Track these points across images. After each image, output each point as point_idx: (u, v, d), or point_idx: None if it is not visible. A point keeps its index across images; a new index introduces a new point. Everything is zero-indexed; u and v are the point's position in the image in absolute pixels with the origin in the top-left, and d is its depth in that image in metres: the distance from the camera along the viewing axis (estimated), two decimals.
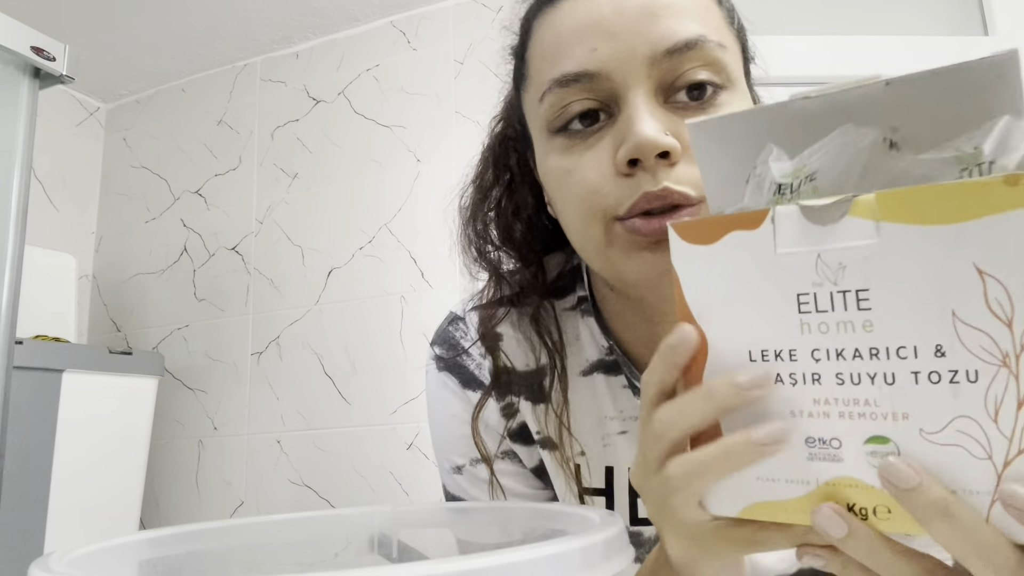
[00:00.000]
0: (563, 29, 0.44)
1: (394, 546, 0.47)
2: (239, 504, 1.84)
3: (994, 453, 0.25)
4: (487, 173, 0.60)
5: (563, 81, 0.43)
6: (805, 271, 0.27)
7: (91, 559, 0.33)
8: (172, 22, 1.89)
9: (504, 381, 0.56)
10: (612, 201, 0.43)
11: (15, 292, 1.28)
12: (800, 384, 0.28)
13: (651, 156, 0.41)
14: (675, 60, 0.42)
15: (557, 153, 0.46)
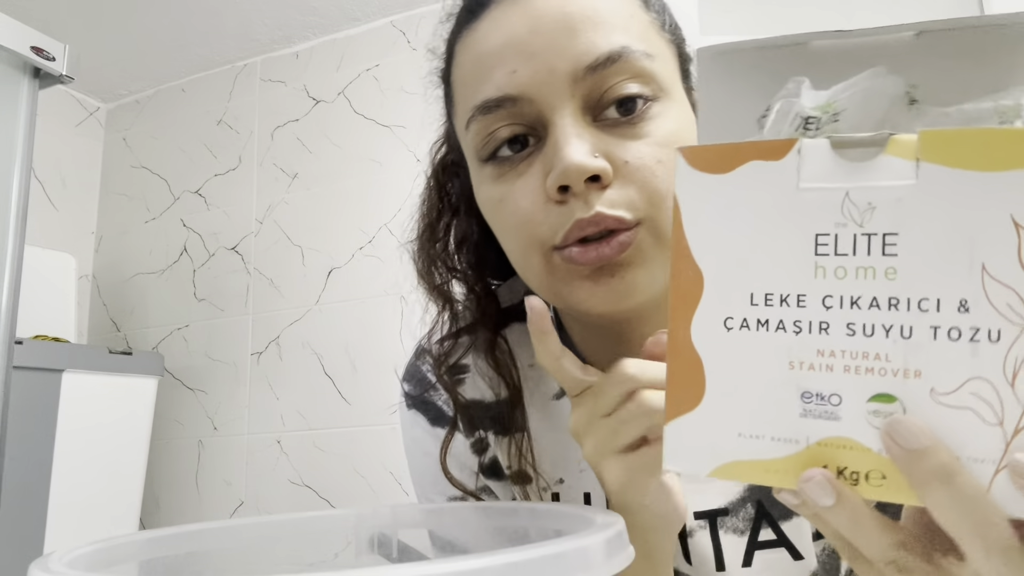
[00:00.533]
0: (481, 52, 0.43)
1: (394, 546, 0.47)
2: (239, 504, 1.84)
3: (1006, 419, 0.23)
4: (432, 202, 0.58)
5: (485, 108, 0.42)
6: (828, 210, 0.25)
7: (91, 559, 0.33)
8: (172, 22, 1.89)
9: (470, 416, 0.54)
10: (547, 230, 0.41)
11: (15, 292, 1.28)
12: (804, 333, 0.26)
13: (580, 182, 0.39)
14: (599, 76, 0.40)
15: (488, 182, 0.44)
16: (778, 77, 0.29)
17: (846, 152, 0.25)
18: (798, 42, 0.29)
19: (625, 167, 0.40)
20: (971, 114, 0.26)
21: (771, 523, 0.49)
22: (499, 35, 0.42)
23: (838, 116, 0.27)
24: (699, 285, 0.28)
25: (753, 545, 0.50)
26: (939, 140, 0.24)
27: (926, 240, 0.24)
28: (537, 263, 0.43)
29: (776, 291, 0.26)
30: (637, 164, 0.40)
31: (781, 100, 0.28)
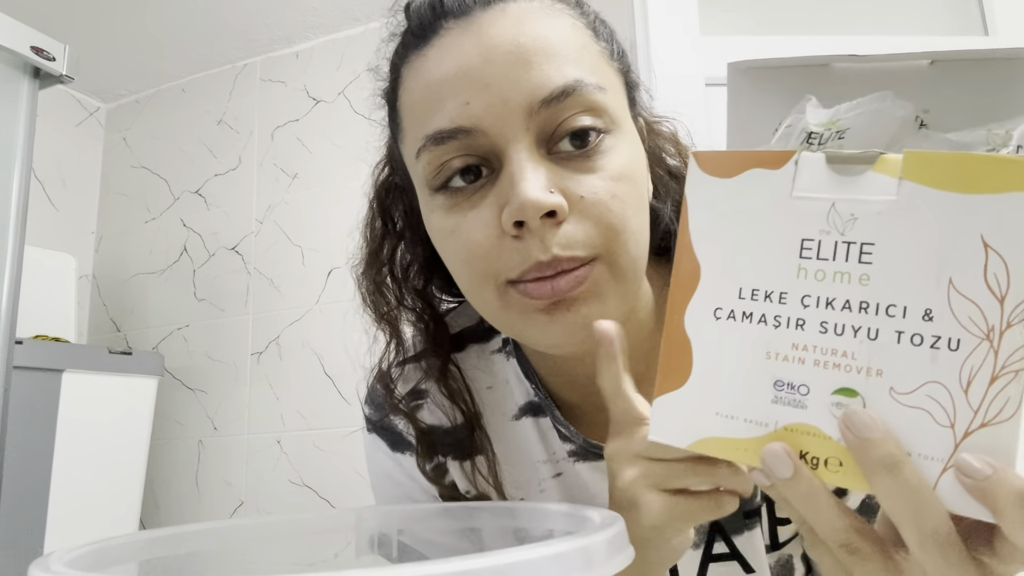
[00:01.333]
0: (432, 80, 0.41)
1: (394, 546, 0.47)
2: (239, 504, 1.84)
3: (957, 422, 0.25)
4: (375, 226, 0.56)
5: (438, 138, 0.41)
6: (816, 217, 0.28)
7: (91, 559, 0.33)
8: (172, 22, 1.89)
9: (430, 441, 0.54)
10: (501, 265, 0.41)
11: (15, 292, 1.28)
12: (783, 327, 0.28)
13: (536, 218, 0.38)
14: (553, 109, 0.40)
15: (440, 212, 0.43)
16: (798, 94, 0.31)
17: (839, 167, 0.27)
18: (820, 63, 0.31)
19: (581, 202, 0.40)
20: (965, 140, 0.28)
21: (724, 537, 0.50)
22: (451, 63, 0.41)
23: (843, 134, 0.29)
24: (696, 277, 0.30)
25: (707, 558, 0.51)
26: (922, 161, 0.26)
27: (900, 252, 0.26)
28: (491, 296, 0.42)
29: (762, 287, 0.29)
30: (592, 199, 0.40)
31: (792, 116, 0.30)
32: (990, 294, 0.25)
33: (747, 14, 1.42)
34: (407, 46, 0.45)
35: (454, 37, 0.42)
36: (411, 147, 0.44)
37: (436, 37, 0.42)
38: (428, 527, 0.49)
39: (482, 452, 0.54)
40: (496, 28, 0.41)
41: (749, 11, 1.42)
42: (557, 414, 0.52)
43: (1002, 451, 0.25)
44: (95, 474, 1.58)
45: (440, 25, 0.43)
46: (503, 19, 0.41)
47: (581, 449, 0.52)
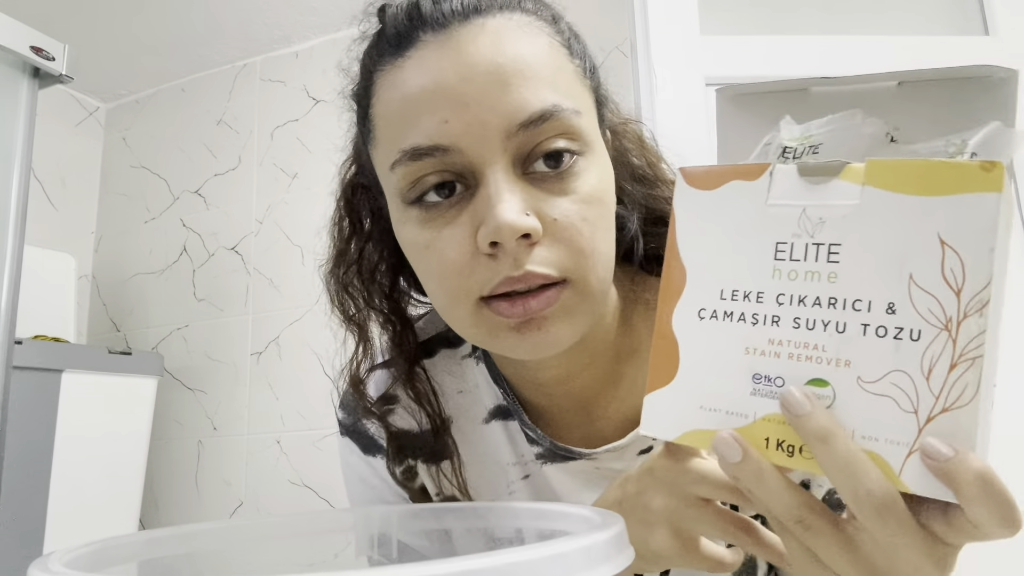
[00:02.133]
0: (409, 93, 0.41)
1: (394, 546, 0.47)
2: (239, 504, 1.84)
3: (920, 408, 0.27)
4: (343, 225, 0.57)
5: (415, 155, 0.41)
6: (788, 222, 0.30)
7: (91, 559, 0.33)
8: (172, 22, 1.89)
9: (400, 445, 0.55)
10: (474, 283, 0.41)
11: (15, 292, 1.28)
12: (760, 324, 0.31)
13: (512, 240, 0.39)
14: (530, 132, 0.40)
15: (414, 224, 0.43)
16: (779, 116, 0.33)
17: (809, 176, 0.30)
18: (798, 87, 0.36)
19: (554, 224, 0.41)
20: (927, 150, 0.30)
21: None
22: (428, 78, 0.41)
23: (817, 149, 0.31)
24: (683, 281, 0.33)
25: None
26: (882, 168, 0.28)
27: (863, 251, 0.28)
28: (463, 312, 0.43)
29: (741, 288, 0.31)
30: (564, 223, 0.41)
31: (770, 134, 0.33)
32: (947, 287, 0.26)
33: (747, 14, 1.42)
34: (382, 52, 0.44)
35: (431, 51, 0.41)
36: (385, 158, 0.43)
37: (413, 49, 0.42)
38: (420, 527, 0.49)
39: (449, 456, 0.55)
40: (474, 45, 0.41)
41: (749, 11, 1.42)
42: (525, 418, 0.53)
43: (962, 434, 0.26)
44: (95, 474, 1.57)
45: (417, 37, 0.42)
46: (481, 36, 0.41)
47: (548, 451, 0.53)
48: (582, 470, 0.53)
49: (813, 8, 1.43)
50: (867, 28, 1.39)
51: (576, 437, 0.54)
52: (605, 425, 0.53)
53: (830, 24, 1.41)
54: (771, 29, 1.39)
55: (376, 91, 0.44)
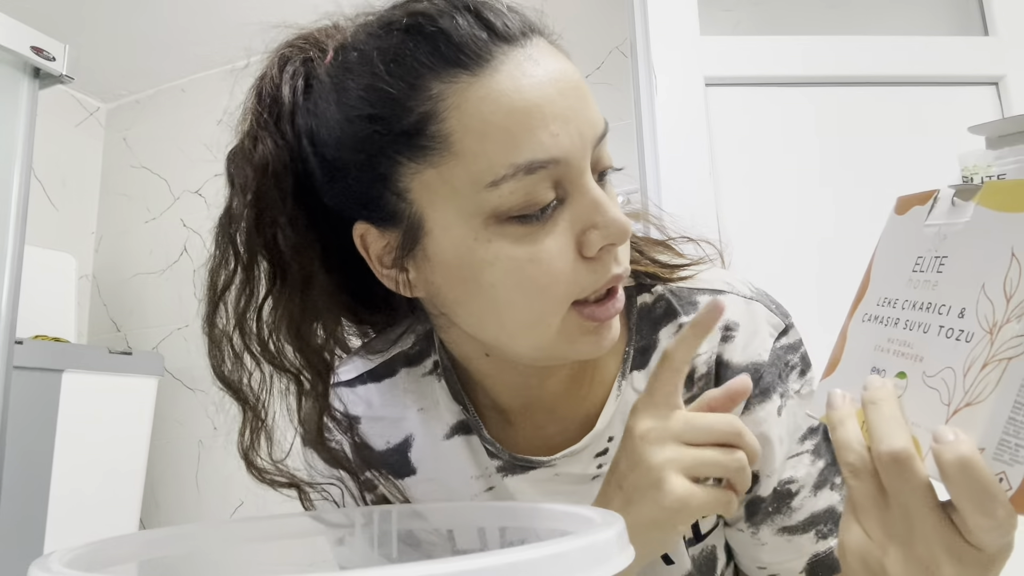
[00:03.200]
0: (514, 107, 0.40)
1: (394, 546, 0.47)
2: (239, 504, 1.84)
3: (952, 401, 0.30)
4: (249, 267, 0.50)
5: (531, 168, 0.40)
6: (930, 240, 0.34)
7: (91, 559, 0.33)
8: (172, 22, 1.89)
9: (362, 459, 0.56)
10: (577, 288, 0.43)
11: (15, 292, 1.28)
12: (888, 326, 0.35)
13: (627, 239, 0.43)
14: (602, 143, 0.44)
15: (507, 240, 0.42)
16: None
17: (957, 199, 0.33)
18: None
19: None
20: None
21: None
22: (531, 93, 0.41)
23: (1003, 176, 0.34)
24: (865, 289, 0.39)
25: None
26: (994, 188, 0.31)
27: (959, 263, 0.32)
28: (555, 320, 0.44)
29: (888, 295, 0.36)
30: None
31: None
32: (1003, 295, 0.28)
33: (747, 14, 1.42)
34: (448, 63, 0.41)
35: (518, 65, 0.41)
36: (474, 174, 0.41)
37: (495, 61, 0.41)
38: (420, 526, 0.49)
39: (411, 472, 0.56)
40: (553, 64, 0.43)
41: (749, 11, 1.42)
42: (484, 433, 0.54)
43: (976, 428, 0.28)
44: (95, 474, 1.58)
45: (494, 50, 0.41)
46: (549, 55, 0.43)
47: (508, 464, 0.54)
48: (542, 478, 0.54)
49: (813, 8, 1.43)
50: (867, 28, 1.40)
51: (538, 442, 0.54)
52: (568, 426, 0.54)
53: (830, 24, 1.42)
54: (771, 29, 1.39)
55: (453, 103, 0.41)
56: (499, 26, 0.42)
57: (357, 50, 0.45)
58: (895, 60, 1.30)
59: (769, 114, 1.29)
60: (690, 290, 0.53)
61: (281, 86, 0.51)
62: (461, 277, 0.44)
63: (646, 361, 0.53)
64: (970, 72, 1.31)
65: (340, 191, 0.46)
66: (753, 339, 0.51)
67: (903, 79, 1.31)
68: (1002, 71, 1.30)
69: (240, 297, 0.49)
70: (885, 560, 0.32)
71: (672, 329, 0.53)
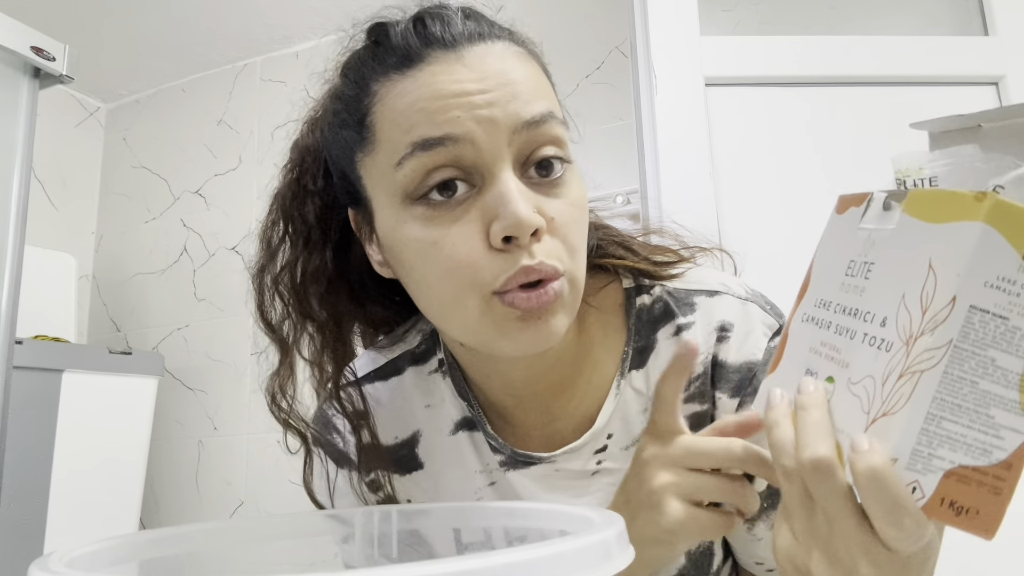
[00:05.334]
0: (423, 95, 0.44)
1: (394, 546, 0.47)
2: (239, 504, 1.84)
3: (871, 410, 0.30)
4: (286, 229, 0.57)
5: (426, 144, 0.43)
6: (861, 244, 0.35)
7: (91, 559, 0.33)
8: (172, 22, 1.89)
9: (369, 457, 0.58)
10: (488, 275, 0.44)
11: (15, 292, 1.28)
12: (821, 328, 0.36)
13: (527, 235, 0.43)
14: (531, 133, 0.44)
15: (418, 222, 0.45)
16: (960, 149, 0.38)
17: (888, 204, 0.34)
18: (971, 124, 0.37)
19: (552, 223, 0.45)
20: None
21: None
22: (444, 83, 0.44)
23: (934, 181, 0.35)
24: (805, 289, 0.39)
25: None
26: (917, 197, 0.31)
27: (885, 270, 0.32)
28: (473, 306, 0.45)
29: (823, 297, 0.37)
30: (560, 221, 0.45)
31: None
32: (920, 307, 0.29)
33: (747, 14, 1.42)
34: (385, 66, 0.47)
35: (446, 65, 0.45)
36: (389, 157, 0.45)
37: (424, 63, 0.45)
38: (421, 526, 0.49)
39: (419, 467, 0.58)
40: (486, 63, 0.45)
41: (749, 11, 1.42)
42: (488, 429, 0.56)
43: (891, 438, 0.29)
44: (95, 474, 1.58)
45: (427, 53, 0.45)
46: (490, 55, 0.45)
47: (510, 459, 0.56)
48: (543, 474, 0.55)
49: (813, 8, 1.43)
50: (867, 28, 1.40)
51: (537, 439, 0.56)
52: (564, 425, 0.55)
53: (830, 24, 1.42)
54: (771, 29, 1.39)
55: (380, 99, 0.46)
56: (436, 33, 0.46)
57: (343, 62, 0.53)
58: (895, 60, 1.31)
59: (769, 114, 1.29)
60: (687, 291, 0.54)
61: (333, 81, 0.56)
62: (395, 257, 0.49)
63: (644, 361, 0.54)
64: (970, 72, 1.31)
65: (336, 181, 0.53)
66: (748, 339, 0.52)
67: (903, 79, 1.31)
68: (1002, 71, 1.30)
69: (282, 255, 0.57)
70: (810, 562, 0.33)
71: (670, 330, 0.54)
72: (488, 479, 0.56)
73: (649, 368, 0.54)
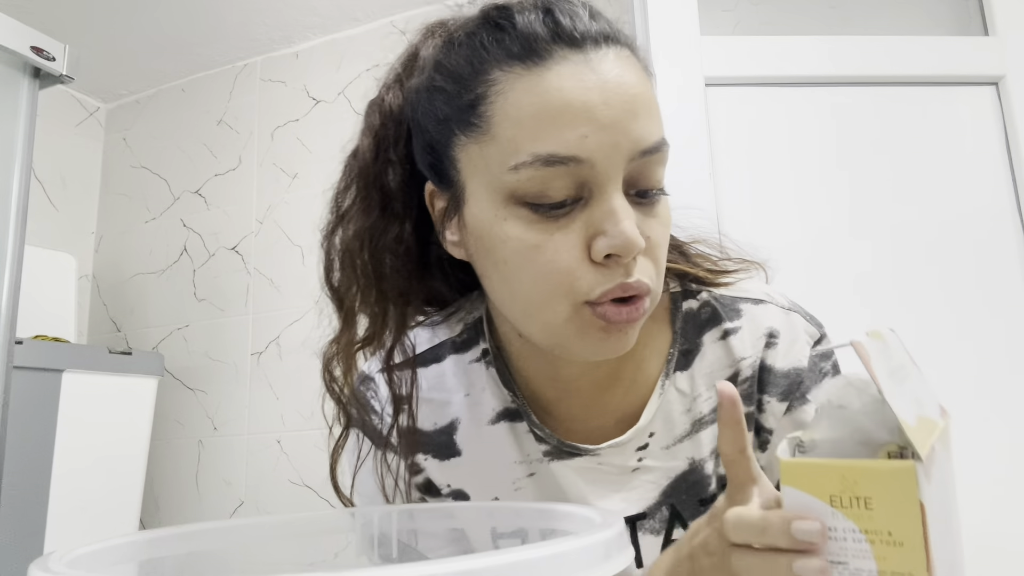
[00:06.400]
0: (550, 103, 0.44)
1: (394, 546, 0.47)
2: (239, 504, 1.84)
3: None
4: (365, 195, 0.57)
5: (550, 161, 0.43)
6: None
7: (91, 559, 0.33)
8: (172, 22, 1.89)
9: (410, 442, 0.58)
10: (584, 285, 0.45)
11: (15, 292, 1.28)
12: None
13: (631, 255, 0.44)
14: (645, 160, 0.45)
15: (520, 223, 0.46)
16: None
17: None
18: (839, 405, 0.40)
19: (648, 242, 0.46)
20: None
21: (682, 523, 0.56)
22: (572, 95, 0.44)
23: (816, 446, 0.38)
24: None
25: (667, 543, 0.56)
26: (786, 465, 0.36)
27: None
28: (562, 311, 0.46)
29: None
30: (654, 241, 0.47)
31: None
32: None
33: (747, 14, 1.42)
34: (509, 53, 0.46)
35: (573, 68, 0.44)
36: (504, 156, 0.45)
37: (551, 60, 0.44)
38: (421, 526, 0.49)
39: (458, 454, 0.58)
40: (612, 74, 0.45)
41: (749, 11, 1.42)
42: (534, 418, 0.57)
43: None
44: (95, 474, 1.57)
45: (554, 49, 0.45)
46: (613, 65, 0.45)
47: (555, 449, 0.56)
48: (585, 466, 0.56)
49: (813, 8, 1.43)
50: (867, 28, 1.40)
51: (578, 432, 0.57)
52: (606, 420, 0.56)
53: (830, 24, 1.42)
54: (771, 29, 1.39)
55: (499, 91, 0.46)
56: (566, 28, 0.45)
57: (450, 32, 0.51)
58: (895, 60, 1.30)
59: (769, 114, 1.29)
60: (733, 298, 0.57)
61: (417, 53, 0.55)
62: (484, 248, 0.48)
63: (689, 363, 0.56)
64: (970, 72, 1.31)
65: (419, 150, 0.52)
66: (793, 346, 0.54)
67: (903, 79, 1.31)
68: (1002, 71, 1.30)
69: (354, 220, 0.57)
70: None
71: (717, 334, 0.56)
72: (528, 470, 0.57)
73: (693, 370, 0.56)
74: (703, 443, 0.55)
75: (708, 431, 0.55)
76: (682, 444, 0.55)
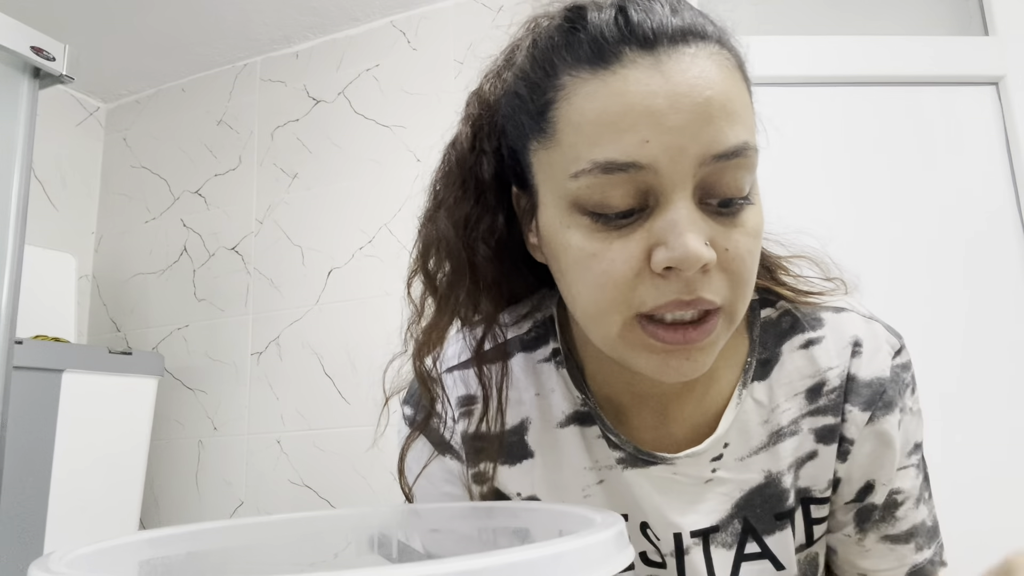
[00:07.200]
0: (612, 108, 0.41)
1: (394, 546, 0.47)
2: (239, 504, 1.84)
3: None
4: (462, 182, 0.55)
5: (609, 168, 0.41)
6: None
7: (91, 559, 0.33)
8: (172, 22, 1.89)
9: (476, 448, 0.55)
10: (637, 298, 0.43)
11: (15, 292, 1.28)
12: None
13: (693, 269, 0.41)
14: (721, 166, 0.42)
15: (581, 230, 0.44)
16: None
17: None
18: None
19: (724, 254, 0.43)
20: None
21: (756, 537, 0.54)
22: (635, 99, 0.41)
23: None
24: None
25: (740, 558, 0.54)
26: None
27: None
28: (615, 323, 0.44)
29: None
30: (734, 253, 0.43)
31: None
32: None
33: (746, 14, 1.42)
34: (577, 56, 0.44)
35: (640, 72, 0.42)
36: (565, 162, 0.44)
37: (619, 64, 0.42)
38: (421, 526, 0.49)
39: (529, 456, 0.56)
40: (684, 76, 0.41)
41: (748, 11, 1.42)
42: (607, 423, 0.55)
43: None
44: (95, 474, 1.58)
45: (623, 52, 0.42)
46: (691, 66, 0.42)
47: (630, 456, 0.54)
48: (661, 475, 0.54)
49: (813, 8, 1.43)
50: (867, 28, 1.39)
51: (649, 441, 0.55)
52: (678, 428, 0.55)
53: (830, 24, 1.41)
54: (771, 29, 1.39)
55: (566, 96, 0.44)
56: (638, 27, 0.42)
57: (535, 32, 0.49)
58: (895, 60, 1.30)
59: (768, 114, 1.29)
60: (813, 306, 0.55)
61: (518, 46, 0.53)
62: (552, 253, 0.48)
63: (767, 373, 0.54)
64: (970, 72, 1.31)
65: (505, 151, 0.52)
66: (876, 355, 0.53)
67: (903, 79, 1.31)
68: (1002, 71, 1.30)
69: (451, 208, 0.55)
70: None
71: (797, 343, 0.54)
72: (597, 477, 0.55)
73: (772, 380, 0.54)
74: (781, 456, 0.53)
75: (787, 443, 0.53)
76: (758, 456, 0.53)
